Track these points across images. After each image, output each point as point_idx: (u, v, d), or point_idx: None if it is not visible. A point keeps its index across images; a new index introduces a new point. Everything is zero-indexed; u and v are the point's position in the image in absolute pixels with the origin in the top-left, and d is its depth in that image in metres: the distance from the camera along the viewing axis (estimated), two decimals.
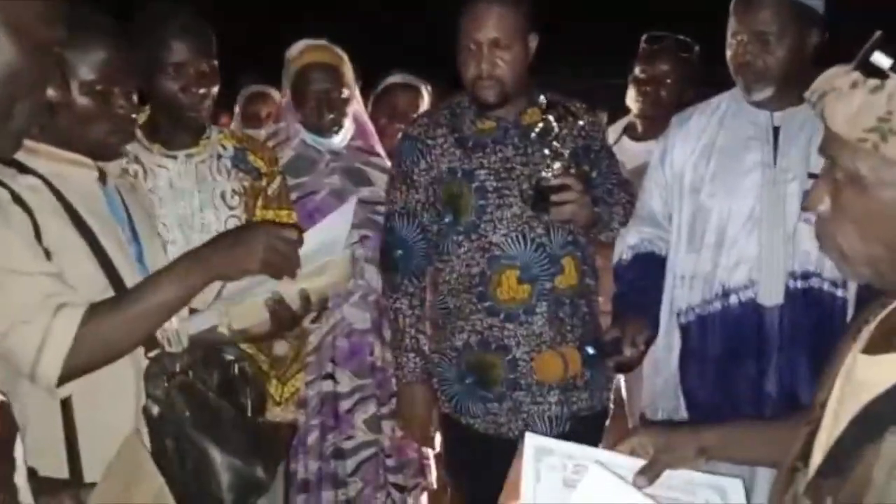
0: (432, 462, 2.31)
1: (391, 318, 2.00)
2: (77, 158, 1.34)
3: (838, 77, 0.85)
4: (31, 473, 1.16)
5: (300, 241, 1.32)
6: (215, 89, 1.85)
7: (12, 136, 0.88)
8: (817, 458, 0.88)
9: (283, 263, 1.31)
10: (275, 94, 2.98)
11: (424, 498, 2.34)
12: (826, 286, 1.69)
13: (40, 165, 1.30)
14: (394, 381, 2.13)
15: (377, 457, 2.24)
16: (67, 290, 1.24)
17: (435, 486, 2.32)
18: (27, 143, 1.26)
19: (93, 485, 1.16)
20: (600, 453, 1.07)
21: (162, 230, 1.82)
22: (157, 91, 1.80)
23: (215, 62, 1.84)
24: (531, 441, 0.99)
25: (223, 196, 1.92)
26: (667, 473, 1.04)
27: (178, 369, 1.33)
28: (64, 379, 1.22)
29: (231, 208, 1.93)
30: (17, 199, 1.25)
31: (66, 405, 1.26)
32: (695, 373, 1.77)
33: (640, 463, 1.05)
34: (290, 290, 1.43)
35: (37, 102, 0.89)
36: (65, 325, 1.20)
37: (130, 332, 1.26)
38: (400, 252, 1.98)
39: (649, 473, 1.03)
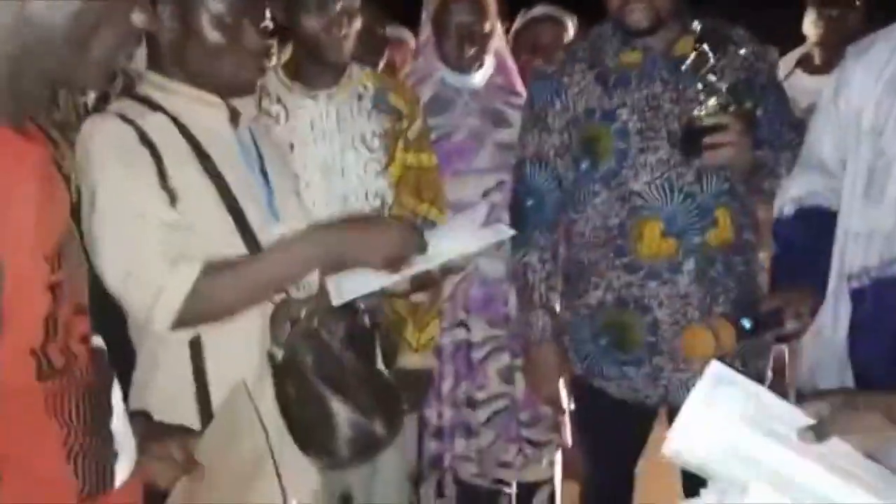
0: (568, 419, 2.22)
1: (520, 273, 1.89)
2: (209, 98, 1.32)
3: None
4: (146, 417, 1.21)
5: (425, 248, 1.32)
6: (357, 26, 1.79)
7: (96, 67, 0.87)
8: None
9: (403, 265, 1.31)
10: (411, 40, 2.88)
11: (559, 454, 2.27)
12: None
13: (170, 103, 1.30)
14: None
15: (510, 409, 2.18)
16: (186, 240, 1.24)
17: (570, 443, 2.23)
18: (159, 80, 1.30)
19: (200, 432, 1.19)
20: (784, 406, 0.91)
21: (301, 172, 1.83)
22: (298, 28, 1.77)
23: None
24: (713, 368, 0.89)
25: (364, 138, 1.89)
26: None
27: (303, 316, 1.32)
28: (176, 328, 1.24)
29: (371, 150, 1.90)
30: (144, 139, 1.25)
31: (195, 351, 1.29)
32: (868, 346, 1.51)
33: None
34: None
35: (120, 31, 0.87)
36: (180, 279, 1.22)
37: (242, 299, 1.27)
38: (531, 202, 1.84)
39: (818, 430, 0.87)
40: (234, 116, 1.36)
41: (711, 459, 0.85)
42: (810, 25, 2.26)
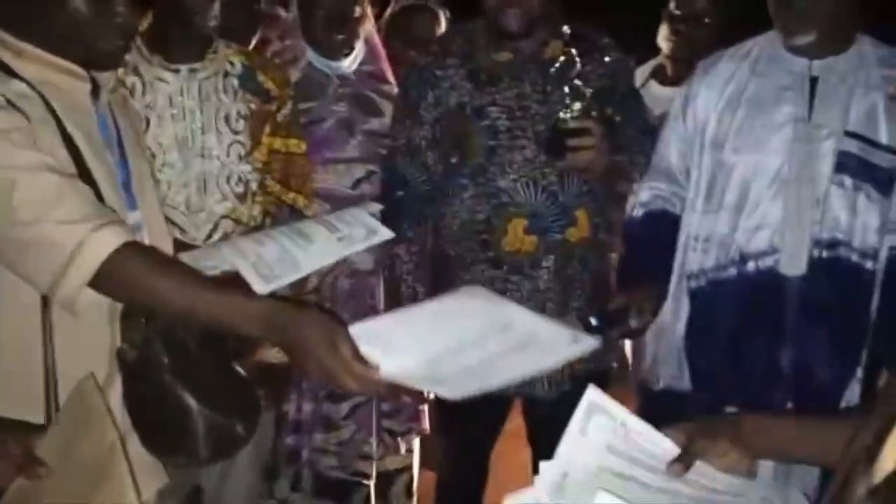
0: (426, 408, 2.25)
1: (388, 264, 1.90)
2: (70, 67, 1.22)
3: None
4: None
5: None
6: None
7: None
8: (888, 462, 0.74)
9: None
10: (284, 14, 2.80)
11: (417, 442, 2.30)
12: (855, 257, 1.55)
13: (28, 70, 1.19)
14: None
15: (371, 401, 2.18)
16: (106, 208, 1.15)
17: (428, 430, 2.27)
18: (15, 43, 1.19)
19: (43, 427, 1.10)
20: (649, 432, 0.96)
21: (157, 151, 1.73)
22: None
23: None
24: (589, 394, 0.93)
25: (227, 119, 1.80)
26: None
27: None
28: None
29: (235, 132, 1.81)
30: (11, 104, 1.14)
31: (47, 343, 1.18)
32: (702, 343, 1.65)
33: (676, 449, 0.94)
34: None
35: None
36: (101, 245, 1.08)
37: (147, 296, 1.12)
38: (400, 193, 1.86)
39: (683, 461, 0.92)
40: (96, 90, 1.26)
41: (581, 487, 0.88)
42: (663, 39, 2.40)
